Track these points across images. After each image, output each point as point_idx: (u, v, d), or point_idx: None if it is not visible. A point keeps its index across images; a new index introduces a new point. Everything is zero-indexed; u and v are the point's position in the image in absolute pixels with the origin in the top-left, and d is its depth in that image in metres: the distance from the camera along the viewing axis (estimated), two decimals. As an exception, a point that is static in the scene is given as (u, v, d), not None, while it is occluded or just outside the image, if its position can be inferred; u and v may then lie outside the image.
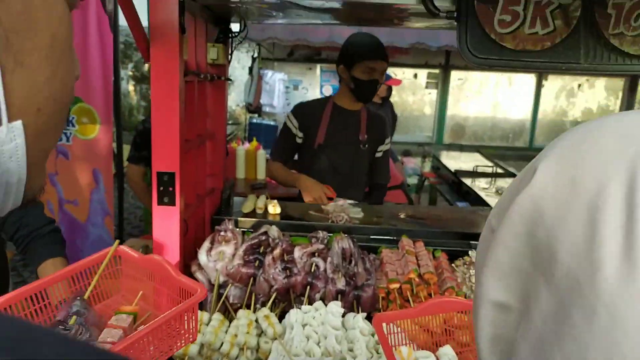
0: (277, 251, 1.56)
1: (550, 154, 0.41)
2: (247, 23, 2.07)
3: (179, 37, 1.38)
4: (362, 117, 2.63)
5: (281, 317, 1.55)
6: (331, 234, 1.69)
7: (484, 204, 3.84)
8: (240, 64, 11.46)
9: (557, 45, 1.32)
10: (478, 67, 1.36)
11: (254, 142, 4.98)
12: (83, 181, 3.96)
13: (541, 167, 0.41)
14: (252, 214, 2.19)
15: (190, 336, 1.06)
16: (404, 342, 1.17)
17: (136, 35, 1.35)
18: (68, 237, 4.07)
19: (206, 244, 1.61)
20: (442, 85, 8.37)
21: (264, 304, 1.56)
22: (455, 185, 4.93)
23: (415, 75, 7.77)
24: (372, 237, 1.94)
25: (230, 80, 2.15)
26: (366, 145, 2.61)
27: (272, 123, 5.97)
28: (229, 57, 2.12)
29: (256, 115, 6.29)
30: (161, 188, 1.48)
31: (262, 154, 4.82)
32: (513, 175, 4.93)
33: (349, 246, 1.58)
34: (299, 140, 2.62)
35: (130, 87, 12.61)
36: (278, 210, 2.22)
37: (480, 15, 1.30)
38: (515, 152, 10.30)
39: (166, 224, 1.52)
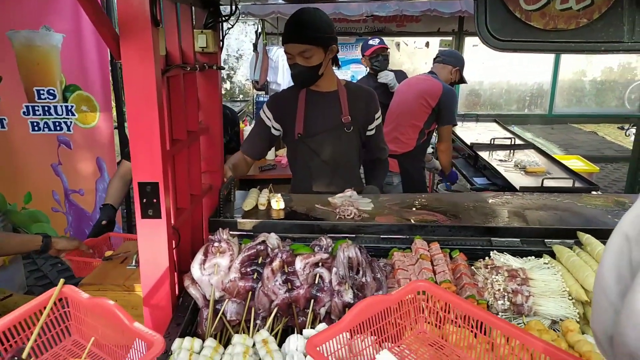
0: (276, 263, 1.41)
1: None
2: (239, 4, 1.87)
3: (151, 30, 1.20)
4: (342, 96, 2.39)
5: (284, 333, 1.42)
6: (336, 241, 1.53)
7: (502, 179, 3.65)
8: (248, 37, 11.16)
9: (596, 22, 1.11)
10: (501, 50, 1.16)
11: (261, 122, 4.83)
12: (87, 170, 3.87)
13: None
14: (255, 210, 2.05)
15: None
16: None
17: (102, 32, 1.17)
18: (76, 227, 4.01)
19: (199, 257, 1.47)
20: (456, 52, 8.00)
21: (264, 319, 1.43)
22: (471, 159, 4.72)
23: (427, 44, 7.43)
24: (382, 236, 1.78)
25: (223, 68, 1.97)
26: (351, 128, 2.38)
27: (279, 100, 5.75)
28: (221, 43, 1.92)
29: (263, 92, 6.08)
30: (144, 200, 1.33)
31: (270, 134, 4.72)
32: (533, 146, 4.69)
33: (355, 255, 1.43)
34: (275, 133, 2.45)
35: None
36: (282, 205, 2.07)
37: (501, -10, 1.09)
38: (534, 119, 9.94)
39: (152, 238, 1.37)
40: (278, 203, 2.07)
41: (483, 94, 10.00)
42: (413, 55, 7.87)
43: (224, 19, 1.89)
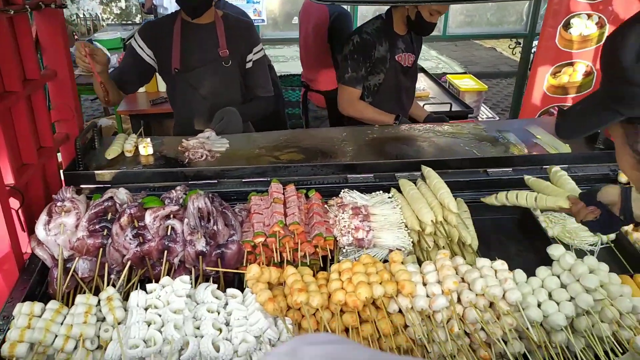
0: (124, 218, 1.41)
1: None
2: None
3: None
4: (219, 28, 2.31)
5: (142, 285, 1.45)
6: (189, 191, 1.54)
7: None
8: (137, -49, 10.06)
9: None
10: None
11: (151, 50, 4.52)
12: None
13: None
14: (121, 158, 1.98)
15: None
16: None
17: None
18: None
19: (43, 217, 1.43)
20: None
21: (119, 273, 1.45)
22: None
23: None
24: (244, 180, 1.81)
25: (65, 5, 1.79)
26: (230, 62, 2.32)
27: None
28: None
29: (152, 16, 5.63)
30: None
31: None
32: (422, 70, 4.85)
33: (205, 205, 1.45)
34: (150, 62, 2.33)
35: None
36: (150, 150, 2.02)
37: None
38: (433, 38, 10.15)
39: (-18, 205, 1.31)
40: (146, 149, 2.01)
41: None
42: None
43: (56, -52, 1.69)
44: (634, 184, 0.81)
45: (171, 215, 1.46)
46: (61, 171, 1.83)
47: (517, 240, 1.74)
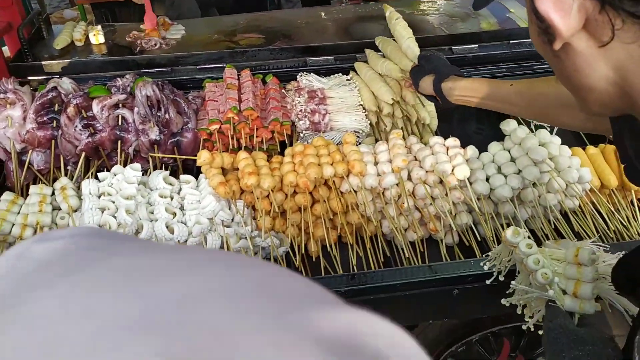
0: (70, 109, 1.37)
1: None
2: None
3: None
4: None
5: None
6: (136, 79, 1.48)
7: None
8: None
9: None
10: None
11: None
12: None
13: None
14: (71, 48, 1.88)
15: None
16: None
17: None
18: None
19: (-13, 111, 1.39)
20: None
21: (75, 164, 1.45)
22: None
23: None
24: (199, 67, 1.74)
25: None
26: None
27: None
28: None
29: None
30: None
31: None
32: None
33: (153, 92, 1.41)
34: None
35: None
36: (101, 39, 1.92)
37: None
38: None
39: None
40: (96, 37, 1.91)
41: None
42: None
43: None
44: (541, 53, 0.77)
45: (120, 105, 1.42)
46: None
47: (479, 119, 1.73)
